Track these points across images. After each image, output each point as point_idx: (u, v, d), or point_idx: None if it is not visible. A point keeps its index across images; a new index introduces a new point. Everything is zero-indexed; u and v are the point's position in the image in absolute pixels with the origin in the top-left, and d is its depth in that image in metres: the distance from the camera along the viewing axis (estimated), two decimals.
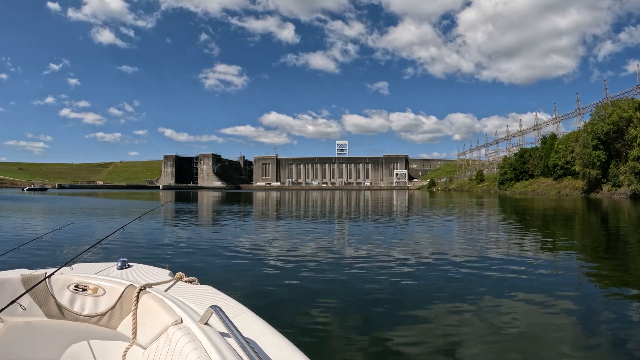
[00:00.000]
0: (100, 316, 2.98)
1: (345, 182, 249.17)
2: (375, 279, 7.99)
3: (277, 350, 1.90)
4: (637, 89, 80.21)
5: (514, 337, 5.01)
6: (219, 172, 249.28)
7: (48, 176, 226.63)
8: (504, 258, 10.39)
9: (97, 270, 3.37)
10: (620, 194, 57.89)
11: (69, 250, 10.65)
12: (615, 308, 6.29)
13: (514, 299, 6.65)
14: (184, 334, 2.00)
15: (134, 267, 3.52)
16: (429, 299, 6.67)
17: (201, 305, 2.45)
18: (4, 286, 3.02)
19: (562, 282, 8.17)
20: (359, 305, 6.31)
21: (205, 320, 2.08)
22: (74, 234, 14.09)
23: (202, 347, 1.83)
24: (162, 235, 14.69)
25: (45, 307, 3.07)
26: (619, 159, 61.48)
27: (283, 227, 18.85)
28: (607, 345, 4.85)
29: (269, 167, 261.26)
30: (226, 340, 1.87)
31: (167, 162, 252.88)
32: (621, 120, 60.84)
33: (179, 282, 3.05)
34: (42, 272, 3.15)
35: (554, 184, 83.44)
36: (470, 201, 51.10)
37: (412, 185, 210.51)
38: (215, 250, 11.32)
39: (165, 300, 2.49)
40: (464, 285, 7.56)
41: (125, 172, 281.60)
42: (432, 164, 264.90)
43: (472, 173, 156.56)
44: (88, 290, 3.02)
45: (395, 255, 10.57)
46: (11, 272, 3.25)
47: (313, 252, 11.11)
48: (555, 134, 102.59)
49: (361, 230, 17.79)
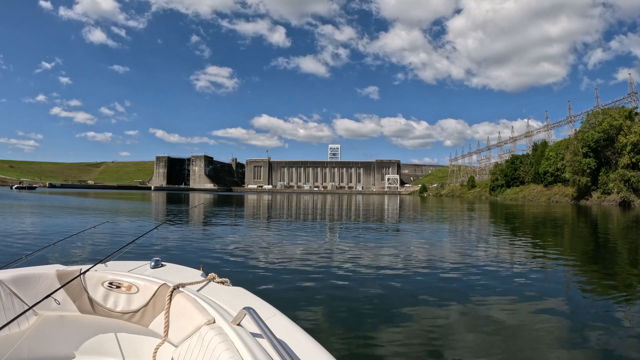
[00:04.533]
0: (133, 313, 3.01)
1: (337, 186, 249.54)
2: (363, 284, 7.95)
3: (310, 354, 1.89)
4: (628, 98, 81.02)
5: (501, 341, 5.00)
6: (210, 174, 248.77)
7: (39, 175, 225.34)
8: (493, 263, 10.40)
9: (131, 268, 3.41)
10: (609, 201, 58.34)
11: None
12: (601, 313, 6.30)
13: (502, 304, 6.66)
14: (216, 334, 2.02)
15: (167, 267, 3.55)
16: (416, 303, 6.66)
17: (233, 307, 2.48)
18: (40, 281, 3.08)
19: (550, 287, 8.15)
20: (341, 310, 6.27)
21: (238, 321, 2.09)
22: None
23: (234, 348, 1.85)
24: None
25: (78, 303, 3.12)
26: (608, 167, 62.04)
27: (288, 229, 18.77)
28: (593, 349, 4.85)
29: (261, 170, 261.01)
30: (259, 341, 1.89)
31: (159, 163, 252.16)
32: (611, 129, 61.41)
33: (211, 283, 3.07)
34: (77, 268, 3.20)
35: (545, 191, 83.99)
36: (461, 207, 51.27)
37: (404, 191, 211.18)
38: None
39: (198, 300, 2.52)
40: (452, 290, 7.55)
41: (117, 172, 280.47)
42: (423, 169, 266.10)
43: (463, 179, 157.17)
44: (122, 288, 3.06)
45: (388, 260, 10.54)
46: (47, 267, 3.29)
47: (309, 253, 11.09)
48: (546, 141, 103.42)
49: (360, 235, 17.74)
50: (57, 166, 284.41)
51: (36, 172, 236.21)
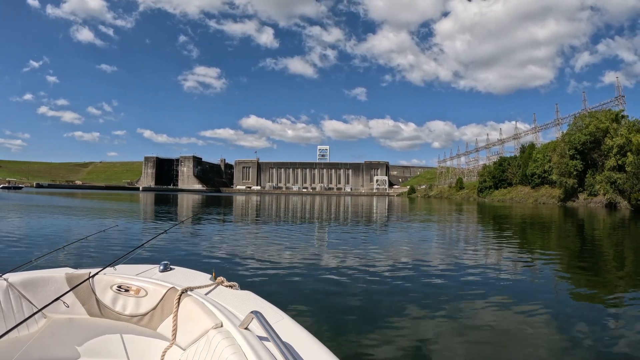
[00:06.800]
0: (141, 316, 3.03)
1: (325, 187, 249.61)
2: (350, 284, 7.87)
3: (317, 359, 1.91)
4: (615, 101, 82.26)
5: (487, 341, 4.98)
6: (199, 174, 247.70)
7: (27, 175, 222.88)
8: (480, 264, 10.40)
9: (139, 271, 3.43)
10: (596, 203, 59.00)
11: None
12: (587, 312, 6.39)
13: (488, 303, 6.65)
14: (223, 337, 2.04)
15: (175, 270, 3.57)
16: (402, 304, 6.61)
17: (241, 310, 2.51)
18: (49, 284, 3.12)
19: (537, 286, 8.19)
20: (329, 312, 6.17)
21: (246, 325, 2.10)
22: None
23: (241, 352, 1.86)
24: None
25: (87, 306, 3.15)
26: (595, 169, 62.78)
27: (293, 231, 18.63)
28: (579, 347, 4.86)
29: (250, 170, 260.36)
30: (266, 346, 1.89)
31: (147, 163, 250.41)
32: (598, 131, 62.20)
33: (219, 287, 3.08)
34: (86, 271, 3.23)
35: (532, 192, 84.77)
36: (449, 208, 51.53)
37: (392, 192, 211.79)
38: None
39: (206, 303, 2.54)
40: (438, 290, 7.53)
41: (105, 173, 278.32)
42: (412, 170, 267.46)
43: (452, 180, 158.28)
44: (130, 291, 3.08)
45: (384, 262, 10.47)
46: (56, 270, 3.32)
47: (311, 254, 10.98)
48: (534, 143, 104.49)
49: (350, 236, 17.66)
50: (45, 166, 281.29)
51: (24, 172, 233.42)
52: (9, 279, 3.02)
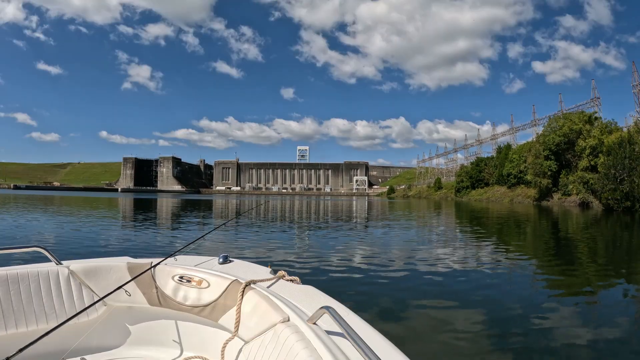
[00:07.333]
0: (203, 307, 3.03)
1: (305, 187, 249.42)
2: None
3: (389, 356, 1.83)
4: (590, 102, 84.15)
5: (463, 337, 5.10)
6: (178, 175, 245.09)
7: (4, 176, 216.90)
8: (456, 262, 10.63)
9: (199, 262, 3.43)
10: (569, 202, 60.26)
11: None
12: (562, 308, 6.54)
13: (467, 303, 6.80)
14: (292, 332, 2.01)
15: (234, 263, 3.53)
16: (382, 304, 6.77)
17: (305, 305, 2.45)
18: (111, 272, 3.20)
19: (513, 286, 8.42)
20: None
21: (315, 320, 2.07)
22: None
23: (312, 347, 1.82)
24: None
25: (148, 295, 3.18)
26: (569, 169, 64.05)
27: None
28: (558, 346, 4.98)
29: (230, 171, 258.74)
30: (336, 341, 1.86)
31: (126, 164, 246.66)
32: (572, 133, 63.61)
33: (280, 281, 3.04)
34: (147, 261, 3.29)
35: (508, 192, 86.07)
36: (428, 208, 52.07)
37: (372, 192, 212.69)
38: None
39: (271, 297, 2.51)
40: (417, 288, 7.71)
41: (84, 174, 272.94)
42: (392, 170, 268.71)
43: (430, 180, 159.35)
44: (192, 282, 3.10)
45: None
46: (118, 259, 3.39)
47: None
48: (510, 144, 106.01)
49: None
50: (22, 167, 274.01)
51: (0, 173, 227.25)
52: (70, 266, 3.11)
